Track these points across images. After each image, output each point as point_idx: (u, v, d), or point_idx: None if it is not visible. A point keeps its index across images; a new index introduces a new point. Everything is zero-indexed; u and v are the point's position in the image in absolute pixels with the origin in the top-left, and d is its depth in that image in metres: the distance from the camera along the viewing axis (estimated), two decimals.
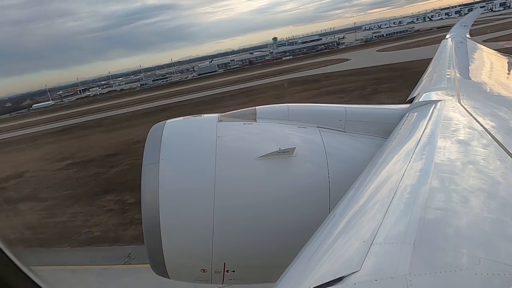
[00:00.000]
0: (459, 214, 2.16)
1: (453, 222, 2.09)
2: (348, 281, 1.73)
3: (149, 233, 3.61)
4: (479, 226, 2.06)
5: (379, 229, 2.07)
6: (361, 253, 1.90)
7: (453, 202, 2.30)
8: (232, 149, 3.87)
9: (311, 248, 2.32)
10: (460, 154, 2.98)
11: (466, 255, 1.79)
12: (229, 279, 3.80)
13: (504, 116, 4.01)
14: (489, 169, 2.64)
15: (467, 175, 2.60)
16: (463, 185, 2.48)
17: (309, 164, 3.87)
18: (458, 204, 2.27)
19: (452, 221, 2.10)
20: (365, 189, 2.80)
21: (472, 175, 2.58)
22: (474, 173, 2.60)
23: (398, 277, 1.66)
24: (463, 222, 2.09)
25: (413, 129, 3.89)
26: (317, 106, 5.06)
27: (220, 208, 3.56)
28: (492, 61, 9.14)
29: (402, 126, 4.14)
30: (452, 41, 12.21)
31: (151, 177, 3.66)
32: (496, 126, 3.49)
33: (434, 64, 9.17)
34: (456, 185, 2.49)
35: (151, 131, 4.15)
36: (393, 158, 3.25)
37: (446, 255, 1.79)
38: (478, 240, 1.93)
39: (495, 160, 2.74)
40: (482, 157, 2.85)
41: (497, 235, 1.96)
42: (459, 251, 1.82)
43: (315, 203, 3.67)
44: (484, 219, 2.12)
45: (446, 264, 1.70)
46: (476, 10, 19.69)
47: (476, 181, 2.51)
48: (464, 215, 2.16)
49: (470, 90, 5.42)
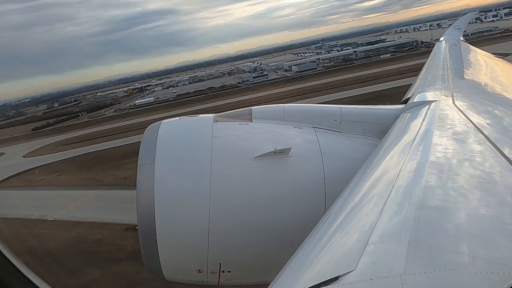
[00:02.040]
0: (453, 214, 2.17)
1: (448, 221, 2.10)
2: (343, 281, 1.73)
3: (145, 233, 3.58)
4: (473, 225, 2.07)
5: (374, 229, 2.08)
6: (356, 252, 1.90)
7: (447, 202, 2.31)
8: (228, 149, 3.87)
9: (307, 248, 2.32)
10: (454, 153, 3.00)
11: (460, 254, 1.80)
12: (225, 280, 3.79)
13: (497, 116, 4.05)
14: (482, 169, 2.66)
15: (461, 175, 2.62)
16: (457, 184, 2.49)
17: (304, 164, 3.87)
18: (452, 203, 2.29)
19: (447, 220, 2.11)
20: (360, 188, 2.81)
21: (466, 175, 2.60)
22: (468, 173, 2.62)
23: (393, 276, 1.66)
24: (457, 222, 2.11)
25: (407, 129, 3.91)
26: (312, 106, 5.07)
27: (216, 208, 3.55)
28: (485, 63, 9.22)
29: (397, 126, 4.16)
30: (446, 44, 12.32)
31: (146, 177, 3.64)
32: (489, 126, 3.52)
33: (428, 65, 9.24)
34: (450, 184, 2.51)
35: (146, 131, 4.13)
36: (388, 158, 3.27)
37: (441, 254, 1.80)
38: (472, 239, 1.94)
39: (489, 159, 2.76)
40: (476, 157, 2.87)
41: (491, 234, 1.98)
42: (453, 250, 1.83)
43: (311, 203, 3.68)
44: (478, 218, 2.13)
45: (440, 263, 1.71)
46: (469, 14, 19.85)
47: (470, 180, 2.53)
48: (458, 215, 2.17)
49: (464, 91, 5.46)
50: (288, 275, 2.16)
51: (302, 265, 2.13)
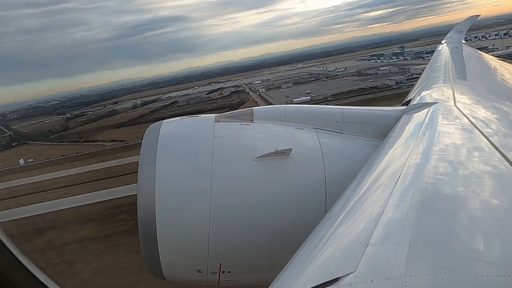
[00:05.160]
0: (454, 216, 2.17)
1: (448, 223, 2.10)
2: (344, 282, 1.73)
3: (145, 233, 3.58)
4: (474, 227, 2.07)
5: (375, 230, 2.07)
6: (357, 254, 1.90)
7: (448, 204, 2.30)
8: (229, 150, 3.86)
9: (307, 249, 2.32)
10: (455, 155, 2.99)
11: (461, 257, 1.79)
12: (225, 280, 3.79)
13: (498, 119, 4.04)
14: (483, 171, 2.65)
15: (462, 177, 2.61)
16: (458, 186, 2.49)
17: (305, 165, 3.87)
18: (453, 205, 2.28)
19: (447, 222, 2.11)
20: (361, 190, 2.80)
21: (467, 177, 2.60)
22: (469, 175, 2.62)
23: (394, 278, 1.66)
24: (459, 224, 2.10)
25: (409, 131, 3.91)
26: (314, 107, 5.07)
27: (217, 208, 3.55)
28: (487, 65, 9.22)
29: (398, 128, 4.16)
30: (447, 46, 12.32)
31: (147, 177, 3.64)
32: (490, 128, 3.52)
33: (430, 68, 9.23)
34: (451, 186, 2.50)
35: (147, 131, 4.13)
36: (389, 160, 3.26)
37: (442, 256, 1.80)
38: (473, 241, 1.94)
39: (490, 162, 2.76)
40: (477, 159, 2.87)
41: (492, 237, 1.97)
42: (454, 253, 1.83)
43: (312, 204, 3.67)
44: (479, 221, 2.13)
45: (441, 266, 1.71)
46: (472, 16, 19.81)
47: (471, 182, 2.53)
48: (459, 217, 2.17)
49: (465, 93, 5.46)
50: (288, 276, 2.16)
51: (303, 266, 2.13)
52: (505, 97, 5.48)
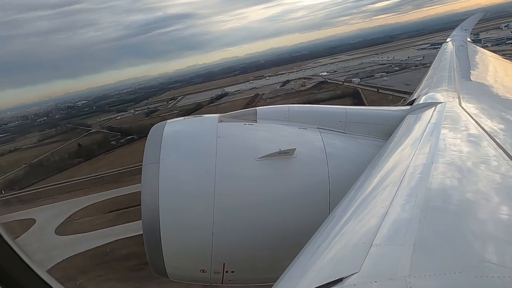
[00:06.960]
0: (459, 216, 2.15)
1: (453, 224, 2.09)
2: (347, 282, 1.72)
3: (149, 233, 3.60)
4: (479, 228, 2.05)
5: (379, 231, 2.06)
6: (361, 254, 1.89)
7: (452, 204, 2.29)
8: (233, 150, 3.87)
9: (311, 249, 2.31)
10: (460, 155, 2.98)
11: (466, 257, 1.78)
12: (229, 280, 3.79)
13: (504, 119, 4.01)
14: (489, 171, 2.64)
15: (467, 177, 2.60)
16: (463, 187, 2.48)
17: (309, 165, 3.86)
18: (458, 206, 2.27)
19: (452, 223, 2.10)
20: (365, 190, 2.79)
21: (472, 177, 2.58)
22: (474, 175, 2.60)
23: (398, 279, 1.65)
24: (463, 224, 2.09)
25: (413, 131, 3.89)
26: (317, 107, 5.06)
27: (220, 208, 3.55)
28: (493, 64, 9.15)
29: (402, 127, 4.14)
30: (452, 45, 12.23)
31: (151, 177, 3.65)
32: (496, 128, 3.49)
33: (434, 67, 9.17)
34: (456, 187, 2.49)
35: (151, 131, 4.14)
36: (393, 160, 3.25)
37: (446, 257, 1.79)
38: (478, 242, 1.93)
39: (495, 162, 2.74)
40: (482, 159, 2.85)
41: (497, 237, 1.96)
42: (459, 253, 1.82)
43: (315, 204, 3.67)
44: (483, 221, 2.11)
45: (445, 266, 1.70)
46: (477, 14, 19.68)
47: (476, 183, 2.51)
48: (464, 217, 2.15)
49: (470, 92, 5.42)
50: (292, 276, 2.16)
51: (306, 266, 2.13)
52: (510, 96, 5.43)
